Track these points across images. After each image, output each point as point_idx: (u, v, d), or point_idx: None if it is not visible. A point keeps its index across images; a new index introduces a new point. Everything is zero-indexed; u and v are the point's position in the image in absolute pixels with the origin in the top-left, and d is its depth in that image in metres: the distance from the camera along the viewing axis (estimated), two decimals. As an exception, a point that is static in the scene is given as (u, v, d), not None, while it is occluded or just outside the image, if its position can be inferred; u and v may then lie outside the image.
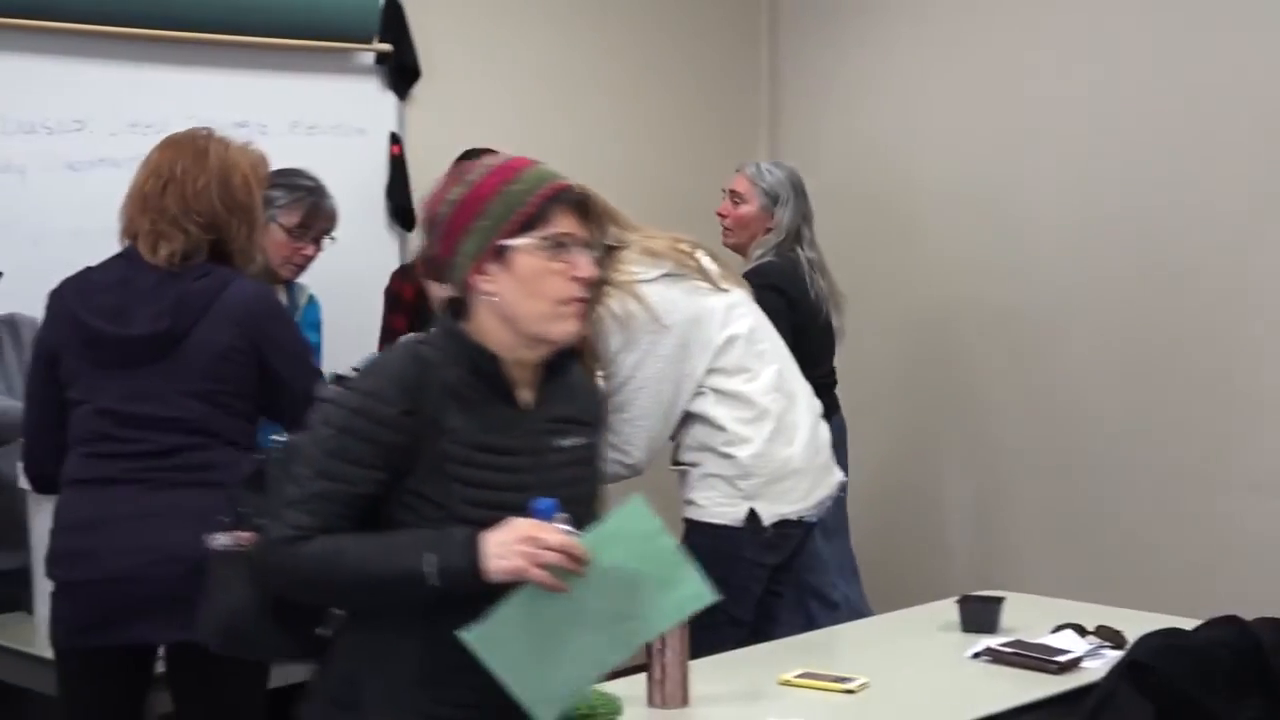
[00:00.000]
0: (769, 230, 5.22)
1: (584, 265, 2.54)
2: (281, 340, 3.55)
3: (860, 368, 6.20)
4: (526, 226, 2.51)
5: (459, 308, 2.58)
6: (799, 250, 5.18)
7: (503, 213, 2.51)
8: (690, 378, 4.22)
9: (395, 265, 5.25)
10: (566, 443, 2.63)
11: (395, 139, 5.48)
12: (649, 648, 3.30)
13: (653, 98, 6.24)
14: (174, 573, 3.32)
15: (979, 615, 4.01)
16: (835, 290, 5.26)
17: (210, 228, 3.50)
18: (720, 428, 4.24)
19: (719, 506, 4.22)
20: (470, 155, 5.08)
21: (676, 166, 6.15)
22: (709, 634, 3.59)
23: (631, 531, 2.51)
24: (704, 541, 3.89)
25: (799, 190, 5.24)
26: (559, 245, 2.52)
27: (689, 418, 4.27)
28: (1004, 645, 3.78)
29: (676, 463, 4.35)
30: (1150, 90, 5.52)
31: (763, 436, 4.25)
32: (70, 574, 3.45)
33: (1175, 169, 5.47)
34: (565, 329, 2.56)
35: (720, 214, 5.31)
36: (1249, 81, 5.31)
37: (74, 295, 3.53)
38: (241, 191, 3.54)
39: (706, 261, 4.40)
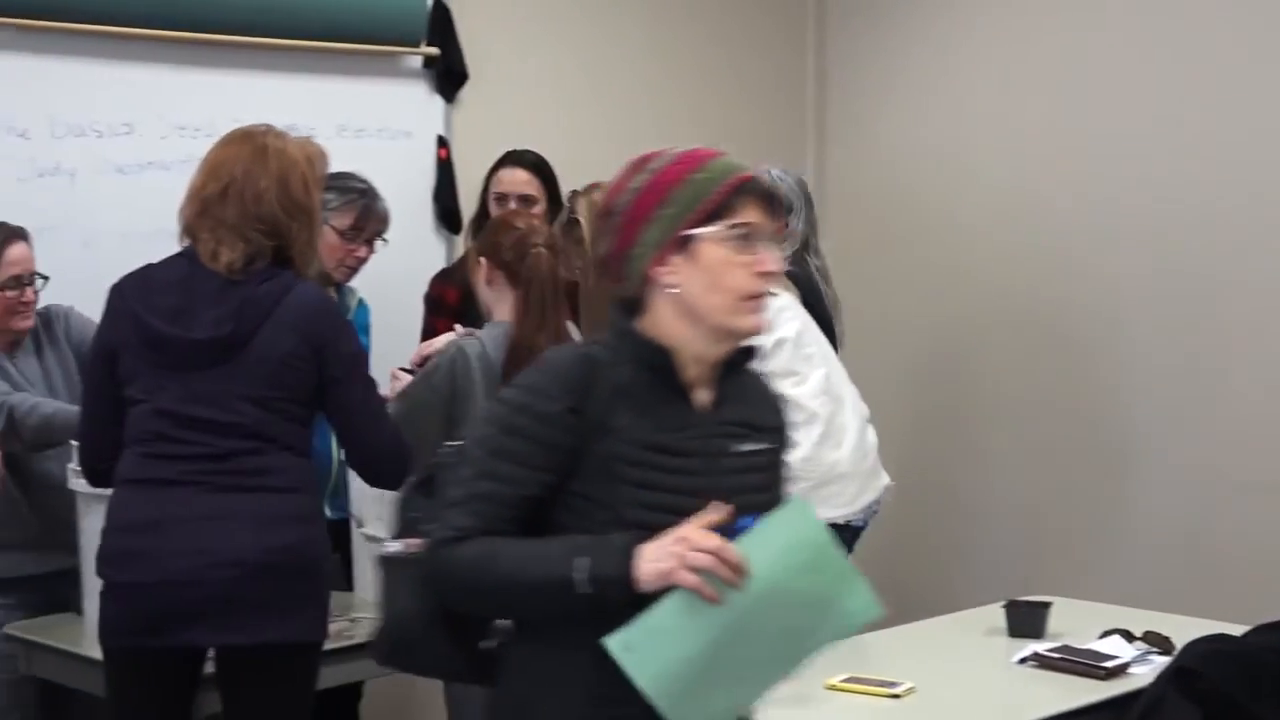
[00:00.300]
0: (783, 240, 5.12)
1: (769, 259, 2.44)
2: (341, 346, 3.54)
3: (905, 370, 6.19)
4: (712, 216, 2.41)
5: (632, 307, 2.47)
6: (808, 259, 5.11)
7: (689, 201, 2.41)
8: (738, 381, 4.21)
9: (442, 268, 5.25)
10: (745, 447, 2.50)
11: (442, 142, 5.48)
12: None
13: (699, 101, 6.22)
14: (229, 576, 3.35)
15: (1026, 620, 3.99)
16: (835, 297, 5.20)
17: (272, 234, 3.49)
18: (767, 431, 4.23)
19: (765, 510, 4.21)
20: (511, 155, 5.11)
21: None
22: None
23: (793, 537, 2.32)
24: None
25: (808, 199, 5.16)
26: (745, 236, 2.42)
27: (735, 421, 4.26)
28: (1051, 650, 3.78)
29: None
30: (1219, 91, 5.44)
31: (811, 440, 4.25)
32: (123, 574, 3.44)
33: (1237, 174, 5.40)
34: (752, 322, 2.44)
35: None
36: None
37: (135, 293, 3.50)
38: (300, 193, 3.52)
39: (753, 264, 4.39)
